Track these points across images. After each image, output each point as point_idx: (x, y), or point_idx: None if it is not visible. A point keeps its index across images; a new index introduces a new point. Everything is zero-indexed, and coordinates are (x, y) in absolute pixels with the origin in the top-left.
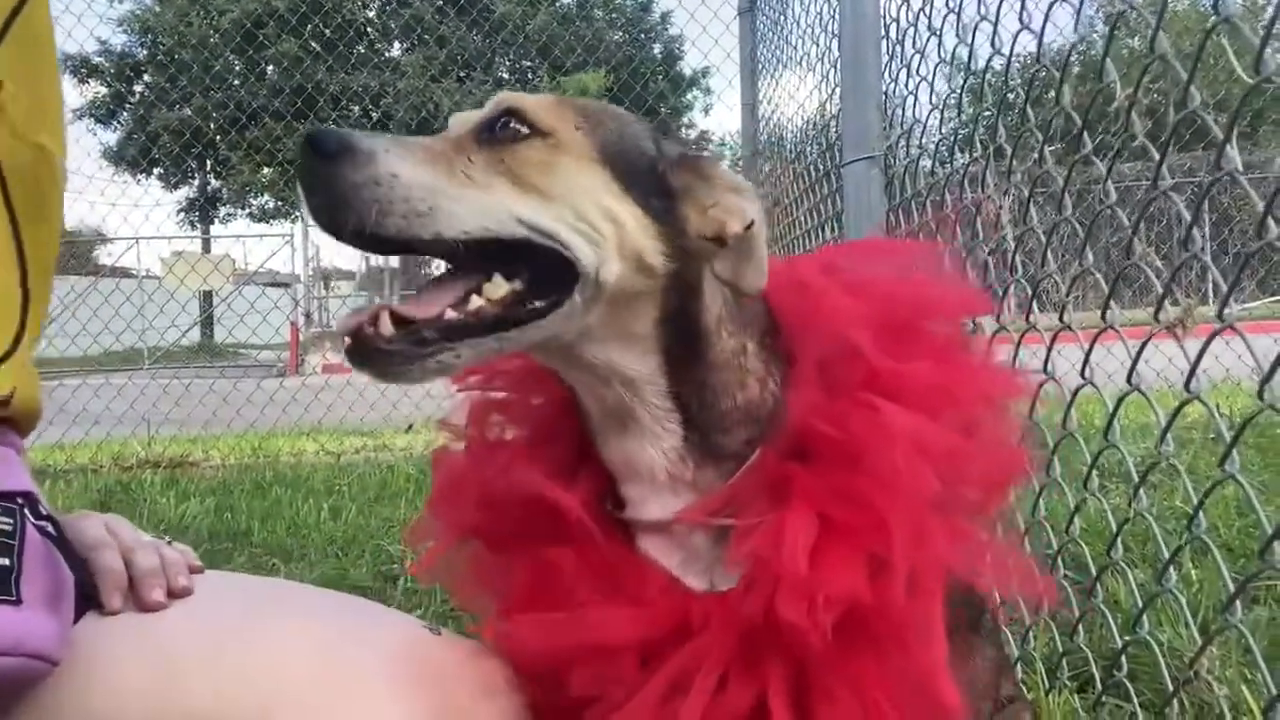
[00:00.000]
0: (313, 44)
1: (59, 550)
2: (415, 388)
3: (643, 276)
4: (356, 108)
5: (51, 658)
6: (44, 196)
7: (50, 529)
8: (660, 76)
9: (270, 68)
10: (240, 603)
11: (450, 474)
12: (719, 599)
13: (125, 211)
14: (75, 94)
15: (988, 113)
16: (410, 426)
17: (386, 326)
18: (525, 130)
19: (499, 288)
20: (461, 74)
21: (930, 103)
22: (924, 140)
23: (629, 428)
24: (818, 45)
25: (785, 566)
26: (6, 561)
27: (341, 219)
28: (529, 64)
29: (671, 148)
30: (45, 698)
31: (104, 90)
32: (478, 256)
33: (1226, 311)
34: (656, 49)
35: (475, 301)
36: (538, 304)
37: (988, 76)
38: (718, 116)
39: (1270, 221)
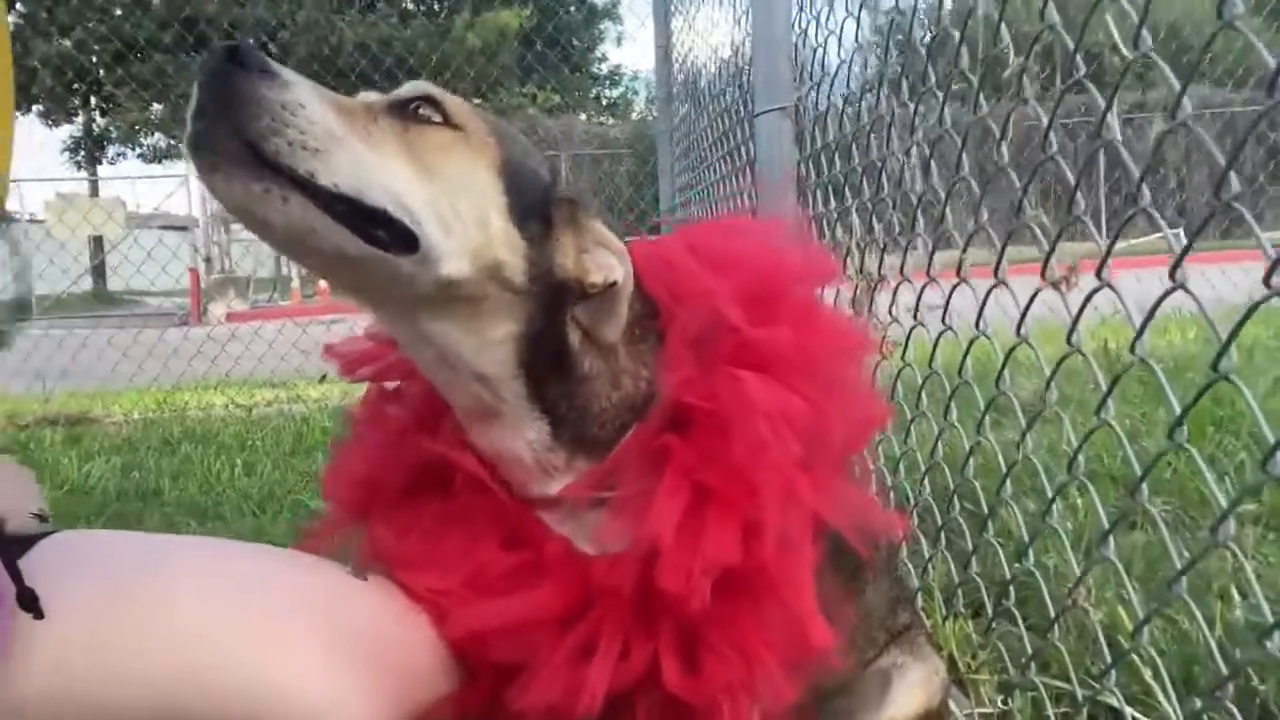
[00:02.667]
0: None
1: None
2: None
3: (497, 286)
4: (251, 39)
5: None
6: None
7: None
8: (572, 8)
9: None
10: (172, 582)
11: (337, 459)
12: (611, 566)
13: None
14: None
15: (894, 60)
16: (324, 377)
17: (257, 126)
18: (439, 118)
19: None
20: (365, 5)
21: (839, 56)
22: (833, 92)
23: (492, 422)
24: None
25: (658, 538)
26: None
27: (230, 122)
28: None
29: (564, 186)
30: None
31: None
32: None
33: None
34: None
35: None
36: (379, 234)
37: (893, 20)
38: (632, 54)
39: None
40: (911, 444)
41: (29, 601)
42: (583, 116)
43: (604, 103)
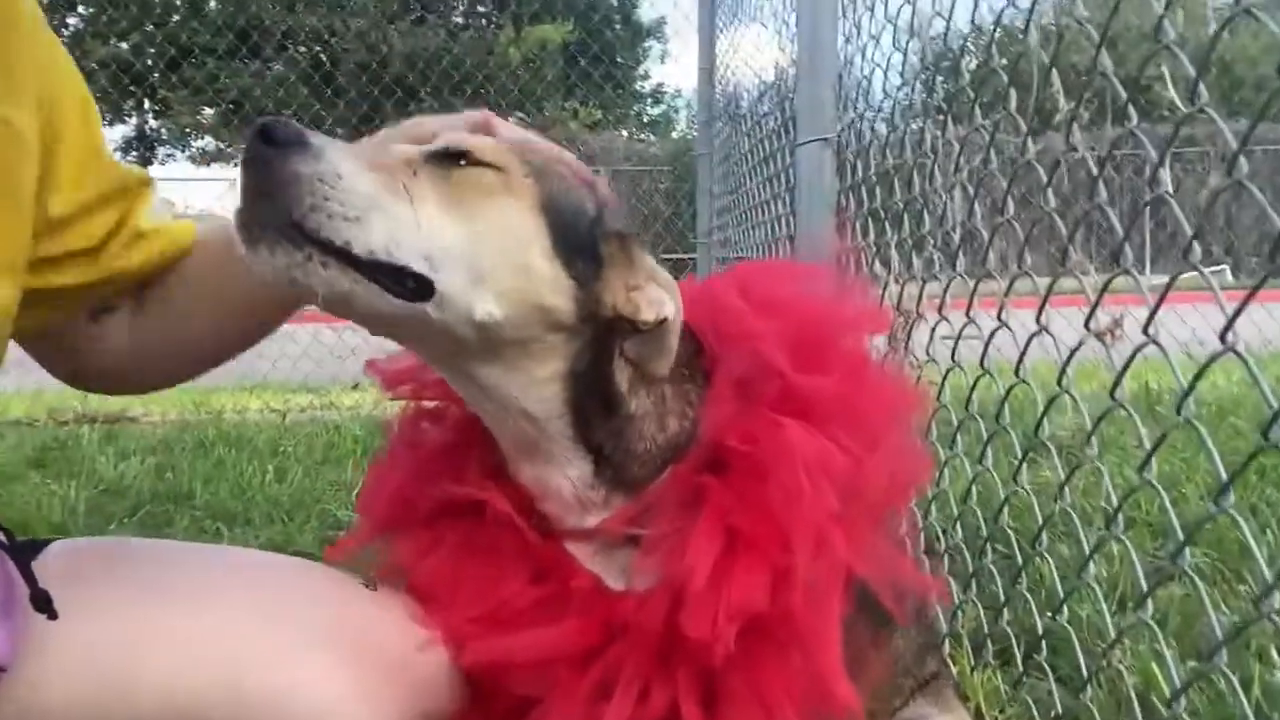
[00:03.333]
0: None
1: (11, 559)
2: (361, 346)
3: (544, 328)
4: (304, 48)
5: (1, 664)
6: (10, 173)
7: (3, 539)
8: (618, 25)
9: (213, 3)
10: (189, 589)
11: (373, 475)
12: (639, 604)
13: None
14: None
15: (940, 95)
16: (358, 385)
17: (300, 207)
18: (478, 165)
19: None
20: (415, 18)
21: (884, 90)
22: (876, 125)
23: (536, 457)
24: (776, 16)
25: (688, 581)
26: None
27: (275, 204)
28: (484, 9)
29: (612, 218)
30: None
31: None
32: None
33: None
34: None
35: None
36: (409, 285)
37: (937, 48)
38: (675, 73)
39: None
40: (944, 484)
41: (43, 603)
42: (623, 133)
43: (645, 120)
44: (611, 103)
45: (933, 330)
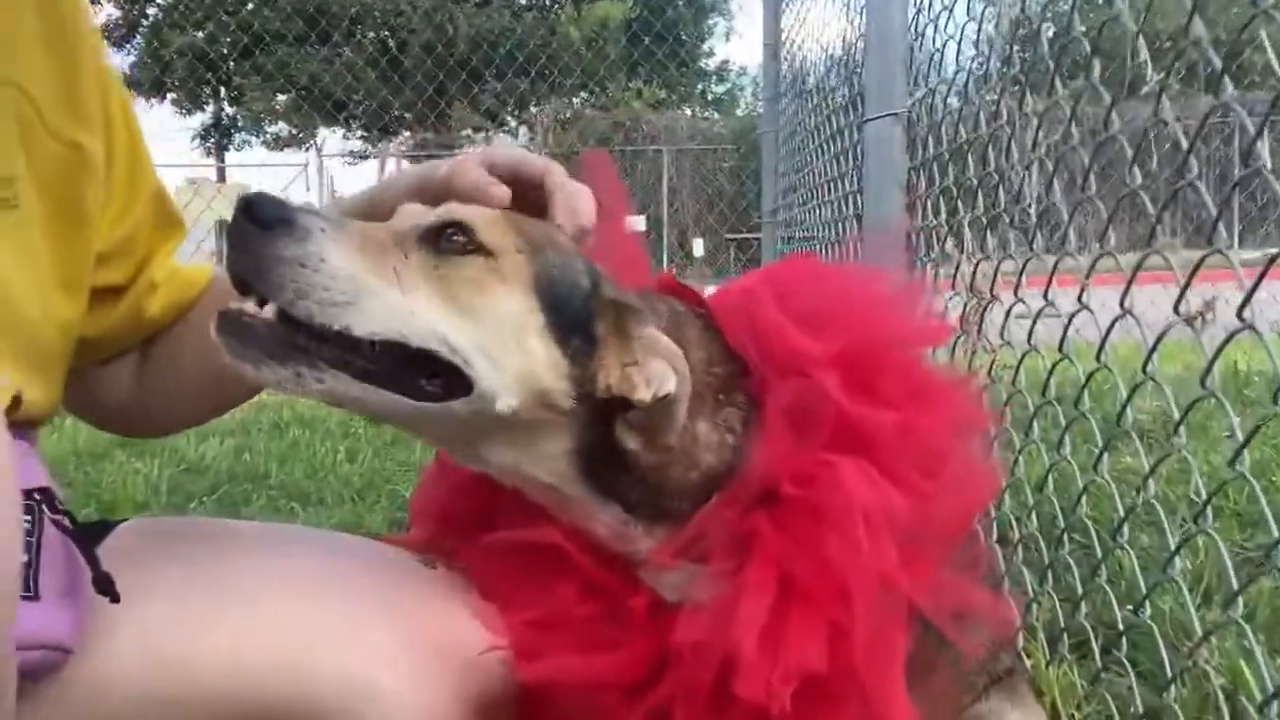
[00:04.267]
0: None
1: (74, 542)
2: None
3: (546, 412)
4: (371, 33)
5: (66, 646)
6: (79, 197)
7: (66, 522)
8: (680, 2)
9: None
10: (249, 570)
11: (427, 479)
12: (691, 658)
13: (150, 138)
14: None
15: (1017, 66)
16: None
17: (270, 311)
18: (470, 245)
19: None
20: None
21: (957, 62)
22: (948, 99)
23: (565, 508)
24: None
25: (741, 642)
26: (25, 558)
27: (258, 287)
28: None
29: (609, 290)
30: (64, 684)
31: (116, 13)
32: None
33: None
34: None
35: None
36: (426, 387)
37: (1014, 15)
38: (739, 50)
39: None
40: (1019, 471)
41: (105, 585)
42: (687, 112)
43: (709, 98)
44: (675, 81)
45: (1008, 312)
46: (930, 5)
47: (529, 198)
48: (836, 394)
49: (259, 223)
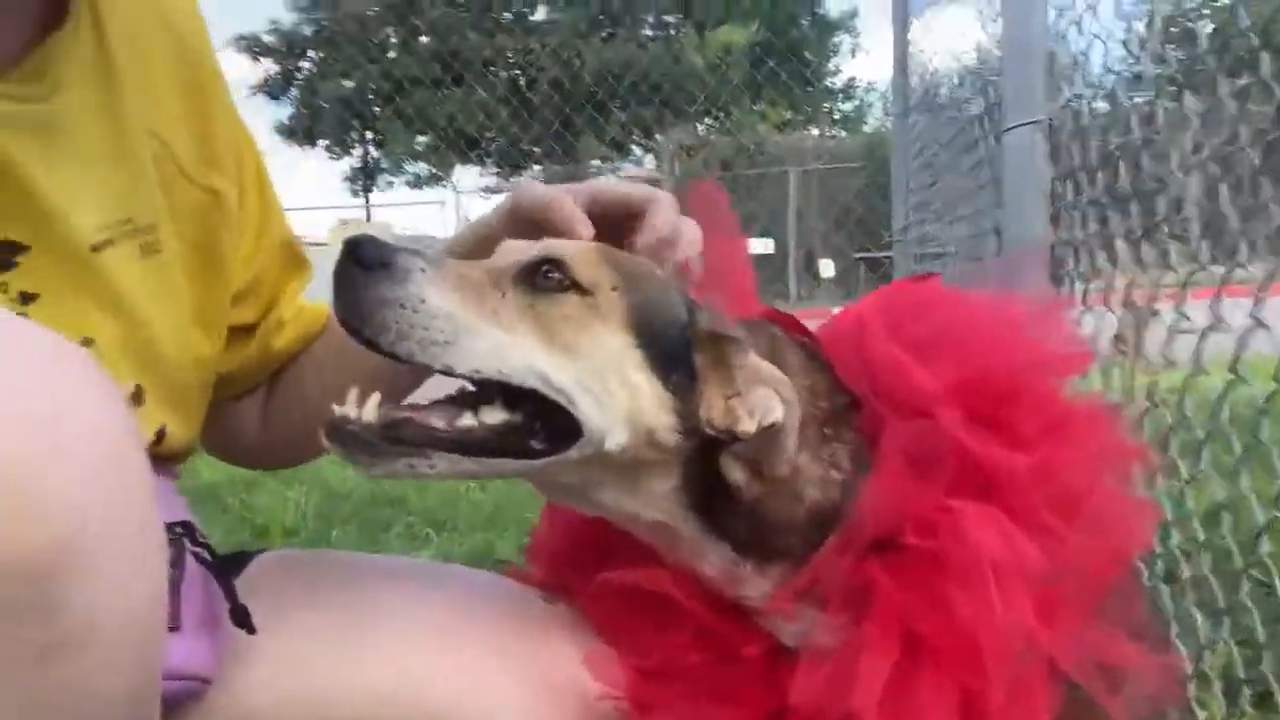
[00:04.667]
0: (462, 12)
1: (214, 574)
2: None
3: (653, 450)
4: (504, 72)
5: (206, 677)
6: (216, 240)
7: (206, 555)
8: (805, 22)
9: (424, 37)
10: (379, 607)
11: (544, 520)
12: (811, 707)
13: (298, 182)
14: (250, 71)
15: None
16: None
17: (370, 414)
18: (565, 282)
19: (495, 414)
20: (606, 33)
21: (1104, 65)
22: (1095, 104)
23: (673, 547)
24: None
25: (863, 707)
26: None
27: (361, 328)
28: (671, 19)
29: (706, 320)
30: (202, 714)
31: (274, 67)
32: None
33: None
34: None
35: (467, 419)
36: (533, 445)
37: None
38: (867, 66)
39: None
40: (1186, 504)
41: (242, 617)
42: (814, 131)
43: (836, 117)
44: (800, 101)
45: (1170, 328)
46: (1074, 5)
47: (635, 228)
48: (959, 432)
49: (362, 264)
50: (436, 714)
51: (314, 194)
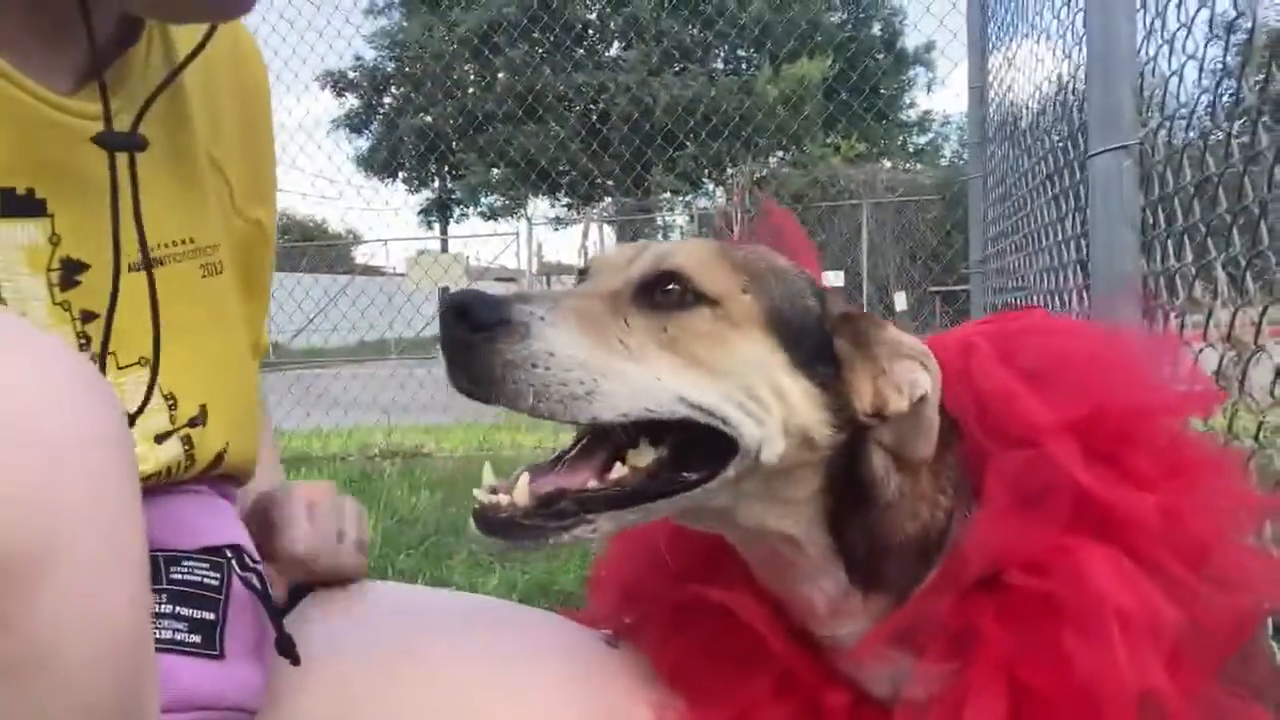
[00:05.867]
0: (538, 49)
1: (261, 601)
2: None
3: (806, 451)
4: (578, 106)
5: (248, 708)
6: (260, 269)
7: (255, 581)
8: (881, 55)
9: (501, 74)
10: (434, 643)
11: (608, 553)
12: None
13: (377, 213)
14: (334, 106)
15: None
16: None
17: (523, 497)
18: (690, 296)
19: (644, 455)
20: (677, 68)
21: (1199, 83)
22: (1189, 128)
23: (786, 573)
24: (1059, 18)
25: None
26: (212, 616)
27: (491, 396)
28: (744, 54)
29: (835, 305)
30: None
31: (357, 102)
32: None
33: None
34: (876, 28)
35: (618, 470)
36: (686, 475)
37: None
38: (942, 99)
39: None
40: None
41: (287, 647)
42: (887, 164)
43: (911, 150)
44: (875, 134)
45: (1277, 365)
46: (1164, 26)
47: None
48: (1077, 469)
49: (477, 327)
50: None
51: (393, 226)
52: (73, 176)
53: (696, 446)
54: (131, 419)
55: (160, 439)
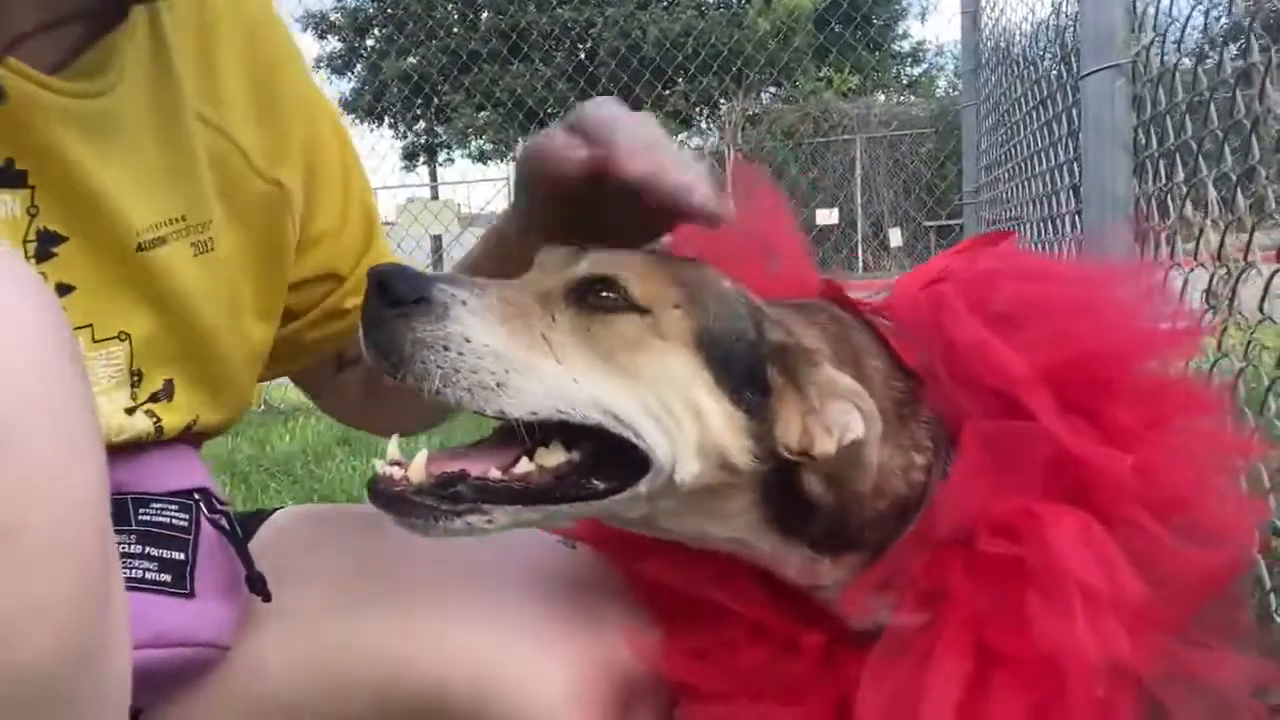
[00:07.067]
0: None
1: (231, 541)
2: None
3: (727, 474)
4: (565, 43)
5: (221, 644)
6: (281, 231)
7: (224, 522)
8: None
9: (485, 13)
10: (407, 566)
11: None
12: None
13: (364, 160)
14: (315, 47)
15: None
16: None
17: (418, 473)
18: (622, 302)
19: (554, 455)
20: (666, 2)
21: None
22: (1183, 41)
23: (753, 557)
24: None
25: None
26: (181, 556)
27: (399, 372)
28: None
29: (774, 334)
30: (216, 682)
31: (340, 45)
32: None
33: None
34: None
35: (524, 465)
36: (596, 484)
37: None
38: (935, 26)
39: None
40: None
41: (258, 585)
42: (881, 97)
43: (905, 82)
44: (868, 66)
45: (1268, 283)
46: None
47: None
48: (1052, 424)
49: (394, 301)
50: (462, 684)
51: (380, 173)
52: (51, 151)
53: (611, 456)
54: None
55: (130, 412)
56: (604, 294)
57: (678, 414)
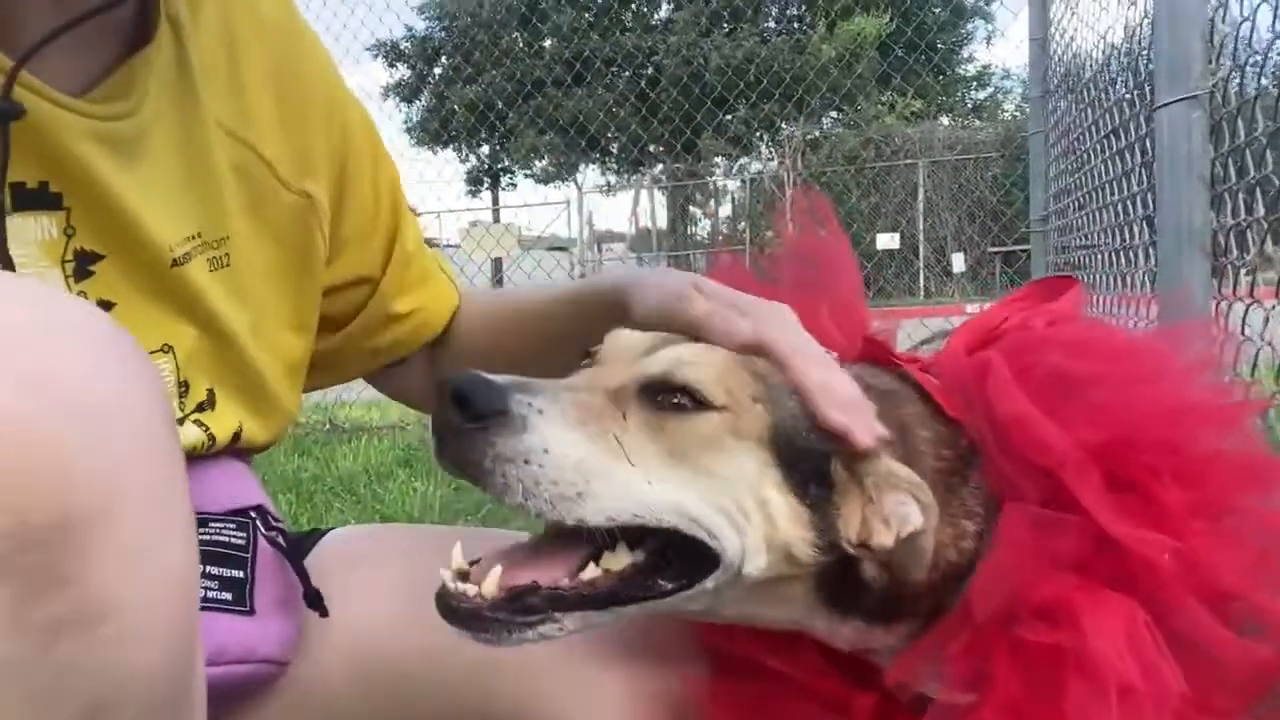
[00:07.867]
0: (586, 14)
1: (286, 558)
2: None
3: (790, 566)
4: (627, 70)
5: (282, 660)
6: (310, 242)
7: (279, 539)
8: (938, 8)
9: (549, 40)
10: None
11: None
12: None
13: (429, 185)
14: (384, 75)
15: None
16: None
17: (491, 588)
18: (697, 403)
19: (620, 559)
20: (728, 28)
21: (1272, 28)
22: (1263, 74)
23: (808, 631)
24: None
25: None
26: (240, 574)
27: (479, 483)
28: (795, 12)
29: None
30: (275, 697)
31: (408, 72)
32: None
33: None
34: None
35: (591, 571)
36: (662, 583)
37: None
38: (1001, 51)
39: None
40: None
41: (315, 601)
42: (944, 121)
43: (970, 105)
44: (932, 91)
45: None
46: None
47: None
48: (1094, 506)
49: (471, 415)
50: (516, 698)
51: (444, 198)
52: (83, 172)
53: (675, 552)
54: None
55: (179, 423)
56: (676, 400)
57: (749, 510)
